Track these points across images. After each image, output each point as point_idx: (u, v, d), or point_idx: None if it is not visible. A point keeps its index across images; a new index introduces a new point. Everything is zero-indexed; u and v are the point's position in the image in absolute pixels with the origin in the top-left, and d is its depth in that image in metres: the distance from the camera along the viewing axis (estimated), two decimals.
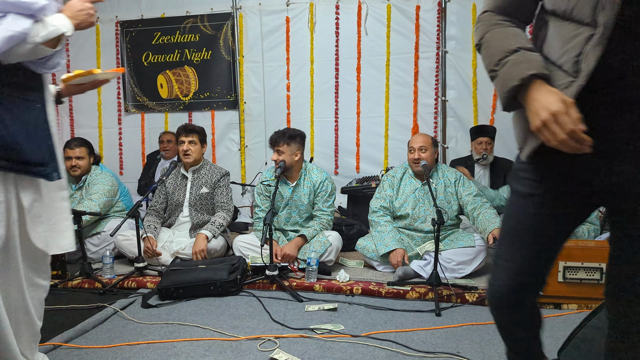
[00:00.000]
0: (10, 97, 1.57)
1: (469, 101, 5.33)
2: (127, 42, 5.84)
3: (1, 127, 1.53)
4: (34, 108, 1.64)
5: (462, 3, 5.24)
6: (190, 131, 3.81)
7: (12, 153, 1.56)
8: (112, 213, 3.87)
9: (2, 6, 1.44)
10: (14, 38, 1.45)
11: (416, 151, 3.50)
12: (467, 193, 3.49)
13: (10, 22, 1.45)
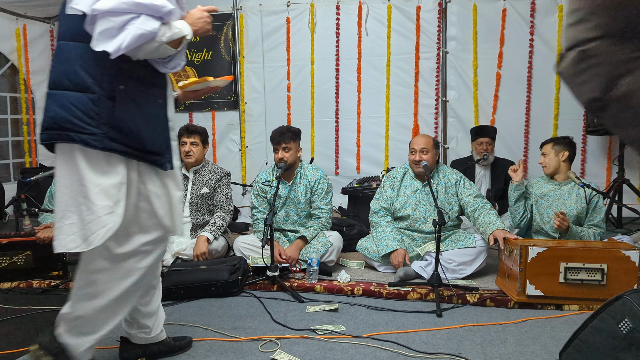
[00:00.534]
0: (136, 90, 1.78)
1: (470, 101, 5.33)
2: None
3: (127, 116, 1.75)
4: (156, 103, 1.84)
5: (463, 3, 5.25)
6: (193, 132, 3.82)
7: (134, 141, 1.77)
8: None
9: (136, 7, 1.62)
10: (144, 36, 1.63)
11: (417, 153, 3.50)
12: (468, 194, 3.49)
13: (142, 22, 1.63)
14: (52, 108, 1.75)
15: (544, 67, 5.18)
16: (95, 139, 1.72)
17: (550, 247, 2.76)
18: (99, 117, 1.73)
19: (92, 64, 1.73)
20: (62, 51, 1.76)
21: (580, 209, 3.36)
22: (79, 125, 1.72)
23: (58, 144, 1.79)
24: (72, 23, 1.73)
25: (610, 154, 5.13)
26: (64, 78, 1.75)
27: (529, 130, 5.28)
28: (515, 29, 5.20)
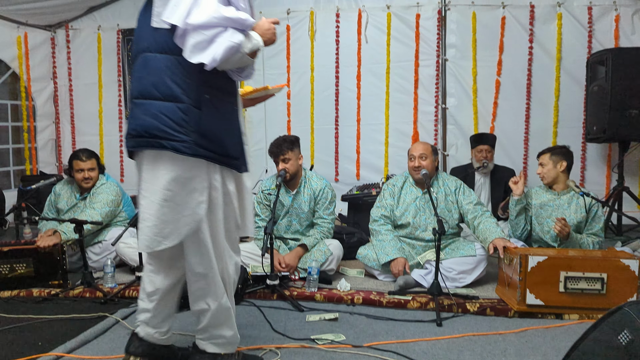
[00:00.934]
0: (218, 99, 1.92)
1: (469, 109, 5.35)
2: (128, 49, 5.87)
3: (212, 123, 1.89)
4: (233, 110, 1.99)
5: (462, 11, 5.28)
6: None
7: (217, 146, 1.90)
8: (114, 222, 3.88)
9: (224, 21, 1.75)
10: (233, 48, 1.76)
11: (416, 159, 3.50)
12: (468, 201, 3.49)
13: (230, 35, 1.76)
14: (141, 117, 1.86)
15: (543, 74, 5.20)
16: (185, 146, 1.84)
17: (550, 257, 2.76)
18: (188, 125, 1.85)
19: (180, 75, 1.85)
20: (149, 63, 1.87)
21: (580, 218, 3.36)
22: (170, 133, 1.84)
23: (145, 151, 1.91)
24: (158, 36, 1.85)
25: (609, 161, 5.14)
26: (152, 88, 1.86)
27: (529, 137, 5.29)
28: (515, 37, 5.22)
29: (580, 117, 5.15)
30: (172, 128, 1.84)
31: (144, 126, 1.86)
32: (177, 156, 1.86)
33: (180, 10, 1.76)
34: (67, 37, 5.95)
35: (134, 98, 1.92)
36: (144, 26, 1.91)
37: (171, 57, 1.85)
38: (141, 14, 1.97)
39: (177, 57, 1.83)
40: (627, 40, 5.03)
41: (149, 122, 1.86)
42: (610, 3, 5.06)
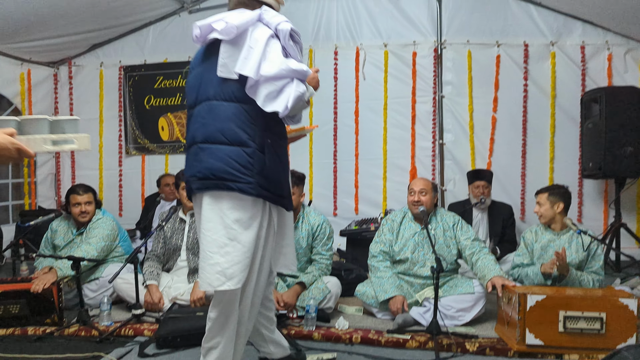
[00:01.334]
0: (276, 143, 2.11)
1: (466, 144, 5.40)
2: (129, 85, 5.96)
3: (273, 166, 2.07)
4: (286, 153, 2.19)
5: (458, 50, 5.39)
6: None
7: (276, 187, 2.09)
8: (111, 258, 3.86)
9: (291, 73, 1.96)
10: (300, 97, 1.96)
11: (416, 194, 3.52)
12: (466, 237, 3.49)
13: (296, 85, 1.96)
14: (208, 160, 2.03)
15: (538, 111, 5.28)
16: (250, 187, 2.01)
17: (548, 295, 2.75)
18: (253, 168, 2.02)
19: (246, 122, 2.03)
20: (215, 110, 2.05)
21: (581, 257, 3.34)
22: (236, 175, 2.00)
23: (208, 191, 2.05)
24: (224, 86, 2.04)
25: (606, 197, 5.16)
26: (219, 134, 2.03)
27: (526, 173, 5.33)
28: (510, 75, 5.32)
29: (576, 154, 5.20)
30: (239, 171, 2.00)
31: (211, 169, 2.02)
32: (241, 196, 2.02)
33: (251, 63, 1.94)
34: (69, 74, 6.05)
35: (198, 142, 2.07)
36: (207, 75, 2.09)
37: (237, 105, 2.03)
38: (199, 63, 2.17)
39: (243, 105, 2.02)
40: (620, 79, 5.13)
41: (216, 165, 2.01)
42: (603, 42, 5.17)
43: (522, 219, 5.26)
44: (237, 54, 2.00)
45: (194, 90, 2.15)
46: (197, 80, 2.15)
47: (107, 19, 5.43)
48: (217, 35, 2.01)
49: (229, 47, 2.02)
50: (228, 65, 2.01)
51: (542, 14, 5.25)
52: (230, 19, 2.00)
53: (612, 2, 4.51)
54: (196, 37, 2.13)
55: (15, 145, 1.48)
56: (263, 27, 2.03)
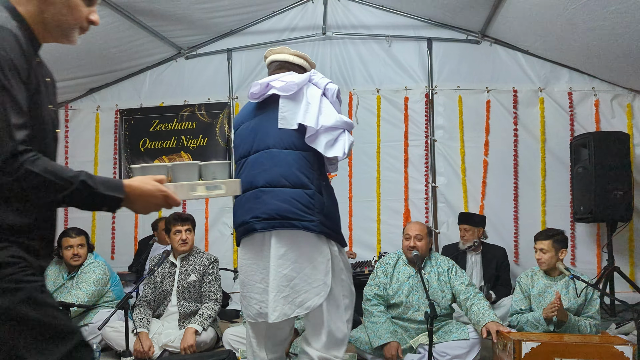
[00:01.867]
0: (328, 185, 2.43)
1: (459, 188, 5.45)
2: (125, 129, 6.02)
3: (330, 205, 2.36)
4: (333, 192, 2.47)
5: (449, 95, 5.51)
6: (185, 220, 3.86)
7: (334, 224, 2.38)
8: (102, 303, 3.81)
9: (344, 125, 2.34)
10: (351, 145, 2.34)
11: (412, 238, 3.52)
12: (460, 282, 3.48)
13: (347, 135, 2.34)
14: (273, 202, 2.26)
15: (529, 155, 5.36)
16: (314, 225, 2.25)
17: (544, 342, 2.74)
18: (315, 208, 2.26)
19: (306, 166, 2.31)
20: (275, 157, 2.31)
21: (579, 302, 3.34)
22: (301, 215, 2.24)
23: (274, 230, 2.27)
24: (284, 135, 2.32)
25: (599, 240, 5.18)
26: (281, 178, 2.28)
27: (518, 216, 5.35)
28: (500, 119, 5.42)
29: (567, 197, 5.25)
30: (303, 210, 2.24)
31: (276, 210, 2.25)
32: (306, 234, 2.26)
33: (310, 116, 2.26)
34: (66, 117, 6.10)
35: (259, 186, 2.31)
36: (264, 127, 2.37)
37: (297, 152, 2.30)
38: (251, 117, 2.46)
39: (302, 152, 2.30)
40: (607, 124, 5.24)
41: (280, 207, 2.25)
42: (589, 89, 5.31)
43: (515, 262, 5.25)
44: (296, 108, 2.31)
45: (248, 140, 2.42)
46: (252, 132, 2.42)
47: (105, 65, 5.53)
48: (278, 91, 2.32)
49: (288, 102, 2.33)
50: (287, 118, 2.31)
51: (530, 62, 5.40)
52: (287, 79, 2.34)
53: (597, 51, 4.66)
54: (252, 94, 2.42)
55: (162, 192, 1.51)
56: (314, 87, 2.40)
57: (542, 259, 3.43)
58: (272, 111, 2.36)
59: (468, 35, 5.51)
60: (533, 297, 3.46)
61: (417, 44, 5.59)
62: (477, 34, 5.43)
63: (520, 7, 4.48)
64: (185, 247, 3.80)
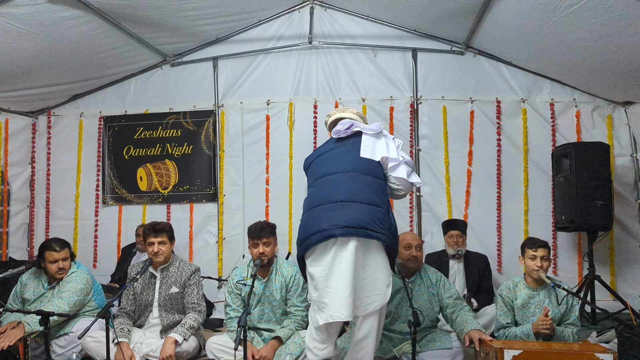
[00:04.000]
0: (390, 208, 2.88)
1: (443, 197, 5.49)
2: (109, 135, 5.97)
3: (395, 226, 2.80)
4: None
5: (433, 105, 5.57)
6: (160, 231, 3.72)
7: (395, 242, 2.82)
8: (83, 312, 3.74)
9: (412, 163, 2.99)
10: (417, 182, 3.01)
11: (413, 248, 3.49)
12: (448, 295, 3.47)
13: (415, 173, 3.00)
14: (352, 213, 2.64)
15: (512, 165, 5.43)
16: (385, 237, 2.68)
17: (525, 350, 2.75)
18: (385, 224, 2.69)
19: (378, 191, 2.81)
20: (355, 178, 2.79)
21: (562, 310, 3.36)
22: (375, 227, 2.64)
23: (352, 237, 2.62)
24: (363, 164, 2.85)
25: (580, 249, 5.25)
26: (360, 195, 2.71)
27: (501, 225, 5.40)
28: (483, 129, 5.49)
29: (549, 206, 5.32)
30: (377, 224, 2.64)
31: (355, 219, 2.61)
32: (378, 245, 2.71)
33: (392, 152, 2.90)
34: (48, 123, 6.04)
35: (339, 200, 2.71)
36: (347, 156, 2.92)
37: (373, 178, 2.82)
38: (334, 148, 3.04)
39: (377, 179, 2.83)
40: (588, 135, 5.33)
41: (359, 217, 2.62)
42: (571, 100, 5.41)
43: (498, 271, 5.30)
44: (376, 145, 2.93)
45: (329, 164, 2.95)
46: (333, 158, 2.98)
47: (89, 71, 5.49)
48: (364, 130, 3.00)
49: (370, 139, 2.95)
50: (369, 150, 2.88)
51: (513, 73, 5.49)
52: (367, 125, 3.08)
53: (578, 63, 4.75)
54: (337, 131, 3.07)
55: None
56: (388, 133, 3.09)
57: (544, 267, 3.40)
58: (353, 145, 2.94)
59: (452, 46, 5.59)
60: (517, 309, 3.44)
61: (403, 54, 5.66)
62: (461, 45, 5.51)
63: (504, 19, 4.56)
64: (159, 258, 3.69)
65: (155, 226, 3.75)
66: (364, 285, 2.65)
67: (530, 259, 3.42)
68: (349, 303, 2.58)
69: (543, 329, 3.16)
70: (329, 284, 2.64)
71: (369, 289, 2.66)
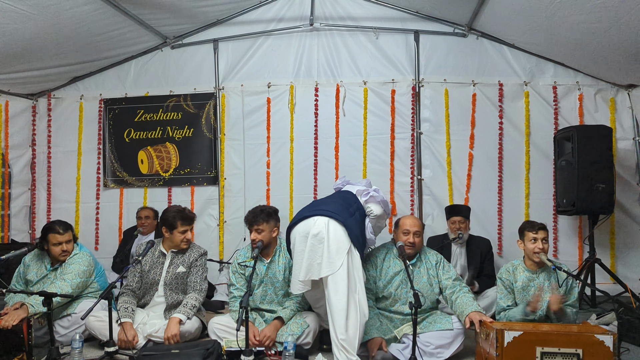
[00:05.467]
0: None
1: (444, 180, 5.48)
2: (109, 118, 5.95)
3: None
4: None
5: (435, 88, 5.53)
6: (192, 220, 3.89)
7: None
8: (86, 294, 3.77)
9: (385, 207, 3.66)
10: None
11: (411, 235, 3.51)
12: (447, 277, 3.50)
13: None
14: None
15: (513, 148, 5.41)
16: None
17: (525, 332, 2.77)
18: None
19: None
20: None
21: (561, 292, 3.38)
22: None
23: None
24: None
25: (580, 233, 5.26)
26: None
27: (502, 208, 5.41)
28: (485, 113, 5.46)
29: (550, 190, 5.31)
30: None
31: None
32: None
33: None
34: (48, 106, 6.02)
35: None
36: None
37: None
38: (339, 193, 3.69)
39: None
40: (591, 118, 5.31)
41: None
42: (574, 83, 5.37)
43: (499, 254, 5.31)
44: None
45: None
46: (338, 195, 3.62)
47: (89, 53, 5.45)
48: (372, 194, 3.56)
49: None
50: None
51: (516, 55, 5.44)
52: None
53: (581, 45, 4.70)
54: (360, 192, 3.55)
55: None
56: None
57: (545, 248, 3.42)
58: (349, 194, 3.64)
59: (455, 28, 5.53)
60: (517, 291, 3.47)
61: (405, 37, 5.60)
62: (464, 27, 5.45)
63: (507, 0, 4.50)
64: (187, 245, 3.84)
65: (186, 216, 3.83)
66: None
67: (531, 242, 3.43)
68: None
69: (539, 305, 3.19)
70: None
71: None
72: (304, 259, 3.11)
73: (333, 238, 3.08)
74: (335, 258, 3.03)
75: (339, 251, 3.06)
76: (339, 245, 3.07)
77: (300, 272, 3.12)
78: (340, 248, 3.07)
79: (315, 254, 3.08)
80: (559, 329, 2.88)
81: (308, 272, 3.09)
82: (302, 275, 3.10)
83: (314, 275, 3.07)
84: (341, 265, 3.01)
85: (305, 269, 3.09)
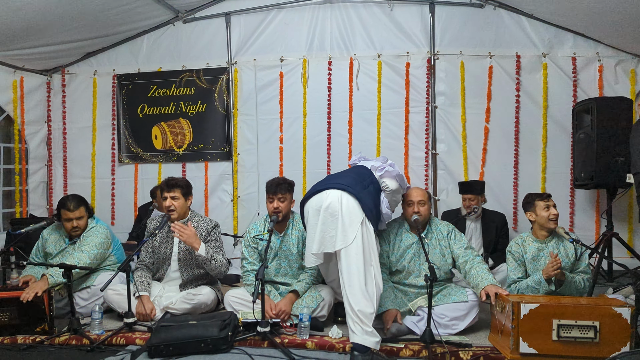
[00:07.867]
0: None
1: (459, 155, 5.43)
2: (123, 94, 5.95)
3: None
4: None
5: (451, 60, 5.43)
6: (173, 186, 3.72)
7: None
8: (103, 267, 3.83)
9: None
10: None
11: (415, 204, 3.51)
12: (459, 246, 3.49)
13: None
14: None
15: (530, 122, 5.32)
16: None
17: (542, 304, 2.76)
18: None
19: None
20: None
21: (571, 262, 3.39)
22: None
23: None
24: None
25: (598, 207, 5.20)
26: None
27: (518, 183, 5.35)
28: (502, 85, 5.36)
29: (567, 164, 5.24)
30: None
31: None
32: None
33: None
34: (62, 82, 6.03)
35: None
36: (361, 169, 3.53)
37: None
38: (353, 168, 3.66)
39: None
40: (611, 90, 5.19)
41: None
42: (594, 54, 5.24)
43: (514, 229, 5.28)
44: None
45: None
46: (352, 170, 3.59)
47: (101, 28, 5.42)
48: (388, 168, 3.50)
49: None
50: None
51: (534, 26, 5.31)
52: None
53: (602, 14, 4.57)
54: (375, 167, 3.51)
55: None
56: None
57: (557, 215, 3.46)
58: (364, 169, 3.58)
59: None
60: (527, 262, 3.48)
61: (420, 8, 5.49)
62: None
63: None
64: (173, 214, 3.71)
65: (169, 182, 3.76)
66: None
67: (545, 210, 3.45)
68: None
69: (553, 270, 3.17)
70: None
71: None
72: (316, 232, 3.09)
73: (346, 211, 3.06)
74: (349, 231, 3.01)
75: (352, 224, 3.03)
76: (352, 219, 3.05)
77: (313, 245, 3.11)
78: (354, 221, 3.05)
79: (329, 227, 3.07)
80: (575, 302, 2.87)
81: (321, 245, 3.08)
82: (315, 249, 3.10)
83: (328, 248, 3.06)
84: (354, 238, 3.00)
85: (318, 242, 3.09)
